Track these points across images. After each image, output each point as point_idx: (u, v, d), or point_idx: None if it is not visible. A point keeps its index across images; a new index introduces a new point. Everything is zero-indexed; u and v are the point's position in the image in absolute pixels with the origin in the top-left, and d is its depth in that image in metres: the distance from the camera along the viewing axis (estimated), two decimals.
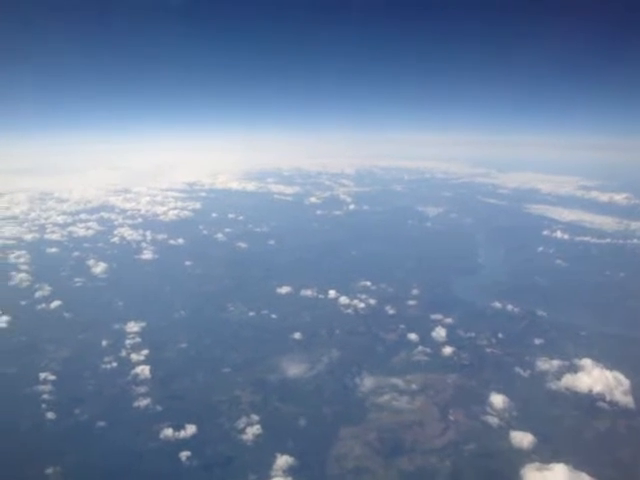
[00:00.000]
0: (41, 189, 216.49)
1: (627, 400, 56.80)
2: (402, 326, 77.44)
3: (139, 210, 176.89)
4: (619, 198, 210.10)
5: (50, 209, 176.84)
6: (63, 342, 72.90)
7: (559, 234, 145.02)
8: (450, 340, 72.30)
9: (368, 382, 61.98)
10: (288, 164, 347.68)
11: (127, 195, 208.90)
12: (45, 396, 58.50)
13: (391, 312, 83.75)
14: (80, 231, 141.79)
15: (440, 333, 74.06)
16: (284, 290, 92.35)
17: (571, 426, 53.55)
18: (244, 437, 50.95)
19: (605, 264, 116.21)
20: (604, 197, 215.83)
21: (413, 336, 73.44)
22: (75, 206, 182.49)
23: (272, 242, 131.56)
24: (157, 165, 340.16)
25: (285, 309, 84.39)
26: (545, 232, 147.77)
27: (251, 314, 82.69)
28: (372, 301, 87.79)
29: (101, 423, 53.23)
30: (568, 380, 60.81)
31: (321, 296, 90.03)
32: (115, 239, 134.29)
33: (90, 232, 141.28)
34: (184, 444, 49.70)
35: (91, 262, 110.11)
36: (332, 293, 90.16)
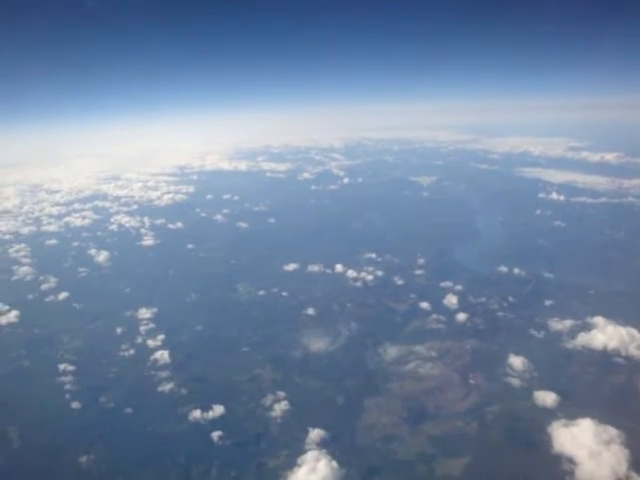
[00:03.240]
0: (30, 182, 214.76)
1: None
2: (412, 296, 78.07)
3: (133, 196, 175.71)
4: (610, 157, 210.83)
5: (42, 201, 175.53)
6: (76, 332, 73.06)
7: (555, 196, 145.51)
8: (462, 306, 72.98)
9: (385, 352, 62.69)
10: (276, 141, 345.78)
11: (118, 182, 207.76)
12: (68, 387, 58.84)
13: (400, 282, 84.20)
14: (77, 221, 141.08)
15: (451, 300, 74.71)
16: (291, 267, 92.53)
17: (590, 383, 54.58)
18: (273, 414, 51.58)
19: (603, 223, 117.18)
20: (595, 157, 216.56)
21: (425, 305, 74.05)
22: (67, 196, 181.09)
23: (272, 220, 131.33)
24: (143, 150, 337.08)
25: (294, 286, 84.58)
26: (541, 195, 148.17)
27: (261, 293, 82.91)
28: (379, 273, 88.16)
29: (128, 409, 53.68)
30: (583, 338, 61.67)
31: (328, 271, 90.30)
32: (113, 227, 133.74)
33: (87, 221, 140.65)
34: (214, 424, 50.31)
35: (93, 251, 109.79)
36: (339, 267, 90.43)
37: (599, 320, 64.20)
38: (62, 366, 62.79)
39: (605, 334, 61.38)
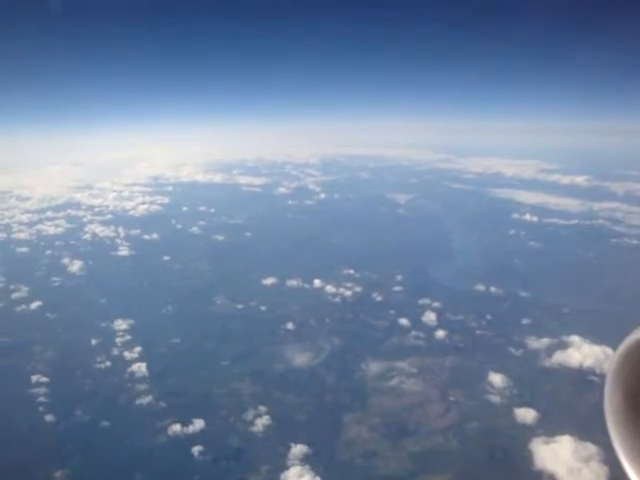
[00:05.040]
0: None
1: None
2: (391, 312, 78.25)
3: (107, 206, 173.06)
4: (580, 180, 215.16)
5: (12, 207, 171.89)
6: (50, 343, 71.43)
7: (528, 217, 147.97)
8: (441, 324, 73.42)
9: (368, 368, 62.75)
10: (251, 155, 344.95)
11: (91, 191, 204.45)
12: (41, 399, 57.32)
13: (378, 299, 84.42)
14: (49, 229, 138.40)
15: (430, 317, 75.17)
16: (269, 281, 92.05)
17: (568, 400, 55.33)
18: (254, 429, 51.08)
19: (575, 244, 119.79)
20: (565, 180, 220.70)
21: (404, 321, 74.30)
22: (39, 204, 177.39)
23: (249, 234, 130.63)
24: (116, 160, 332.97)
25: (273, 300, 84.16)
26: (514, 215, 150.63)
27: (239, 306, 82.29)
28: (358, 289, 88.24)
29: (105, 423, 52.50)
30: (559, 357, 62.70)
31: (307, 286, 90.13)
32: (87, 236, 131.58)
33: (60, 230, 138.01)
34: (194, 439, 49.56)
35: (66, 260, 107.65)
36: (317, 282, 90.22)
37: (575, 339, 65.40)
38: (35, 377, 61.17)
39: (581, 353, 62.57)
